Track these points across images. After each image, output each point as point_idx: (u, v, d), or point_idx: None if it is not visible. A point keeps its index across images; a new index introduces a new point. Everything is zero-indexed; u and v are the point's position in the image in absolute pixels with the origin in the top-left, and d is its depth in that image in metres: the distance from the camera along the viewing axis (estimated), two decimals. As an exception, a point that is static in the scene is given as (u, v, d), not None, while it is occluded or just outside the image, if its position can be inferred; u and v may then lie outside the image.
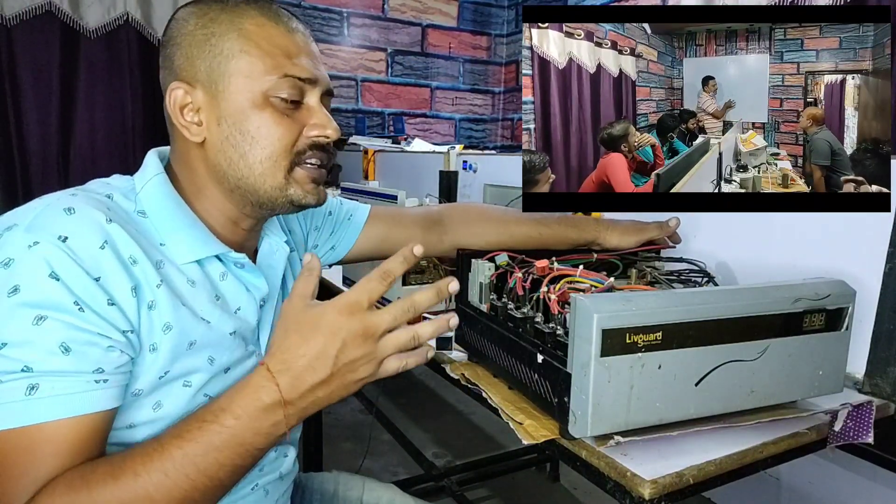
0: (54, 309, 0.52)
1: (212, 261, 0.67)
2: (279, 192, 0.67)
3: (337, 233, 0.93)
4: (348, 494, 0.94)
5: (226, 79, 0.64)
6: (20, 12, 2.23)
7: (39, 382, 0.52)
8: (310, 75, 0.66)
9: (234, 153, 0.65)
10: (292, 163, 0.66)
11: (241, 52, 0.64)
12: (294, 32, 0.67)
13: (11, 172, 2.30)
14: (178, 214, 0.65)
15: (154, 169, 0.67)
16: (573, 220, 1.02)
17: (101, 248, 0.56)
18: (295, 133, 0.66)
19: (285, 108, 0.65)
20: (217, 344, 0.65)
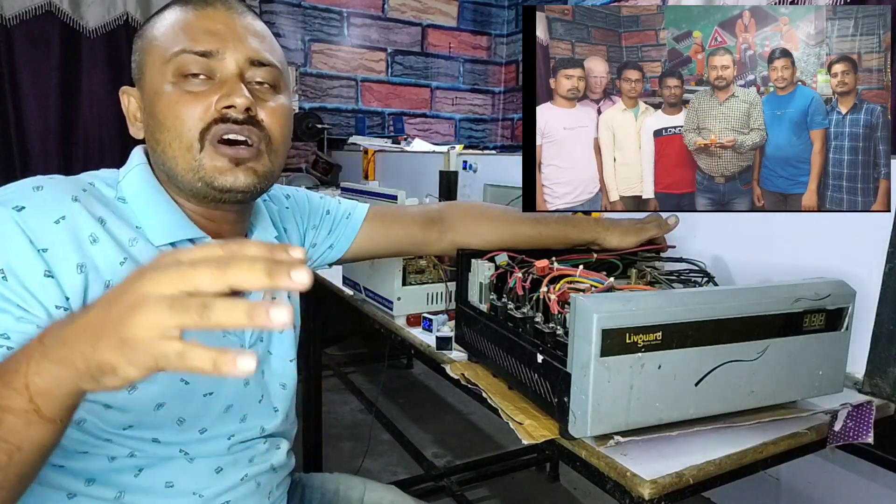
0: None
1: (186, 245, 0.67)
2: (193, 175, 0.64)
3: (335, 232, 0.93)
4: (349, 495, 0.94)
5: (144, 73, 0.66)
6: (20, 12, 2.23)
7: None
8: (208, 47, 0.63)
9: (153, 141, 0.66)
10: (202, 139, 0.63)
11: (152, 44, 0.66)
12: (203, 9, 0.65)
13: (11, 172, 2.30)
14: (157, 199, 0.67)
15: (137, 160, 0.70)
16: (573, 219, 1.02)
17: (56, 223, 0.58)
18: (199, 110, 0.63)
19: (191, 87, 0.63)
20: None
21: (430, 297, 1.14)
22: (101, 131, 2.43)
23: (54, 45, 2.31)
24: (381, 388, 2.74)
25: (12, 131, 2.29)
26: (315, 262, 0.94)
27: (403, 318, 1.11)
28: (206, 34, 0.64)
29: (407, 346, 1.06)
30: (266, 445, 0.77)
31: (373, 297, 1.19)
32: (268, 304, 0.36)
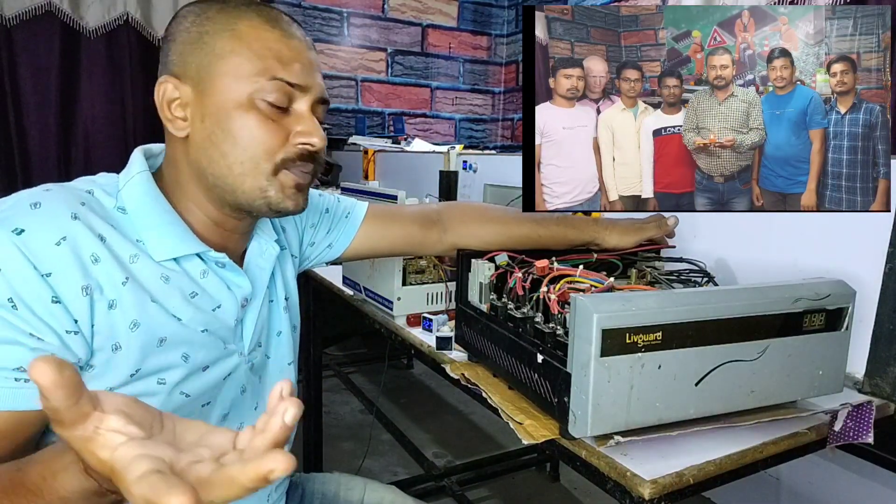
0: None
1: (191, 258, 0.67)
2: (258, 194, 0.66)
3: (334, 231, 0.92)
4: (349, 495, 0.94)
5: (214, 77, 0.64)
6: (20, 12, 2.23)
7: None
8: (299, 81, 0.65)
9: (215, 151, 0.64)
10: (276, 167, 0.65)
11: (231, 52, 0.63)
12: (290, 38, 0.66)
13: (12, 172, 2.30)
14: (158, 211, 0.65)
15: (138, 167, 0.67)
16: (572, 220, 1.02)
17: (57, 245, 0.56)
18: (279, 138, 0.65)
19: (271, 113, 0.64)
20: (190, 341, 0.65)
21: (430, 297, 1.14)
22: (101, 131, 2.43)
23: (54, 45, 2.31)
24: (382, 388, 2.74)
25: (12, 131, 2.29)
26: (313, 261, 0.94)
27: (403, 318, 1.11)
28: (299, 67, 0.65)
29: (407, 346, 1.06)
30: None
31: (373, 297, 1.20)
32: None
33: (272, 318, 0.79)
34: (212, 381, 0.68)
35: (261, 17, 0.65)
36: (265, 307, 0.76)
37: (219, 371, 0.68)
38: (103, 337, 0.58)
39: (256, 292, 0.74)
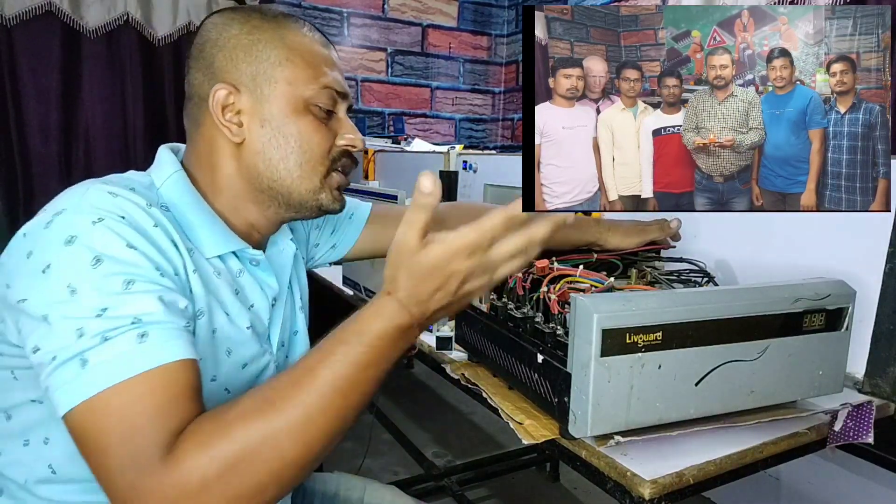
0: (140, 274, 0.54)
1: (230, 257, 0.69)
2: (312, 196, 0.69)
3: (338, 231, 0.93)
4: (349, 495, 0.94)
5: (271, 84, 0.66)
6: (20, 12, 2.22)
7: (148, 331, 0.51)
8: (343, 89, 0.70)
9: (275, 155, 0.67)
10: (329, 169, 0.69)
11: (286, 60, 0.66)
12: (329, 47, 0.71)
13: (12, 172, 2.30)
14: (200, 210, 0.67)
15: (172, 166, 0.68)
16: (574, 220, 1.02)
17: (155, 227, 0.58)
18: (330, 141, 0.69)
19: (321, 117, 0.68)
20: (235, 337, 0.66)
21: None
22: (101, 131, 2.43)
23: (54, 45, 2.31)
24: (382, 387, 2.73)
25: (12, 131, 2.28)
26: (317, 262, 0.95)
27: (403, 318, 1.11)
28: (339, 75, 0.71)
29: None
30: None
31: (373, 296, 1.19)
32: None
33: (290, 317, 0.80)
34: (248, 378, 0.69)
35: (299, 25, 0.70)
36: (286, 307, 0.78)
37: (254, 368, 0.70)
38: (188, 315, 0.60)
39: (281, 292, 0.76)
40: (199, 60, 0.68)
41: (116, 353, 0.50)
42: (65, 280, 0.51)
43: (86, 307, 0.51)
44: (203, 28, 0.69)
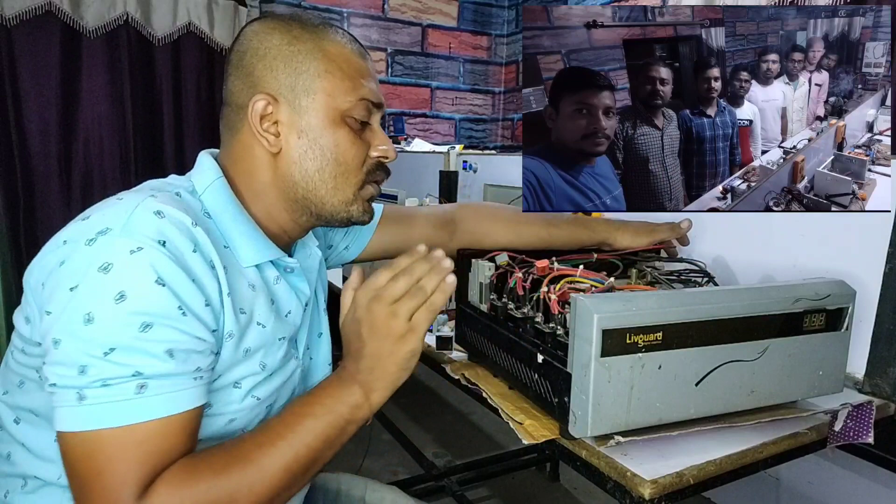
0: (160, 316, 0.54)
1: (267, 265, 0.69)
2: (344, 207, 0.70)
3: (350, 233, 0.94)
4: (350, 495, 0.94)
5: (310, 95, 0.67)
6: (20, 12, 2.22)
7: (147, 383, 0.53)
8: (378, 100, 0.71)
9: (311, 166, 0.68)
10: (363, 181, 0.70)
11: (326, 72, 0.67)
12: (365, 58, 0.71)
13: (11, 172, 2.30)
14: (240, 219, 0.67)
15: (214, 172, 0.68)
16: (584, 220, 1.02)
17: (194, 252, 0.58)
18: (364, 152, 0.70)
19: (357, 129, 0.69)
20: (268, 348, 0.67)
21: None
22: (101, 131, 2.42)
23: (54, 45, 2.31)
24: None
25: (12, 131, 2.28)
26: (330, 263, 0.95)
27: (403, 318, 1.11)
28: (374, 86, 0.71)
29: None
30: None
31: (373, 297, 1.19)
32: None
33: (314, 320, 0.81)
34: (276, 384, 0.69)
35: (339, 36, 0.70)
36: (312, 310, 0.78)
37: (282, 375, 0.70)
38: (218, 338, 0.61)
39: (310, 296, 0.76)
40: (238, 69, 0.68)
41: (113, 399, 0.52)
42: (86, 307, 0.52)
43: (96, 342, 0.52)
44: (243, 36, 0.70)
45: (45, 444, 0.62)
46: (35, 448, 0.63)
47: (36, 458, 0.63)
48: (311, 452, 0.59)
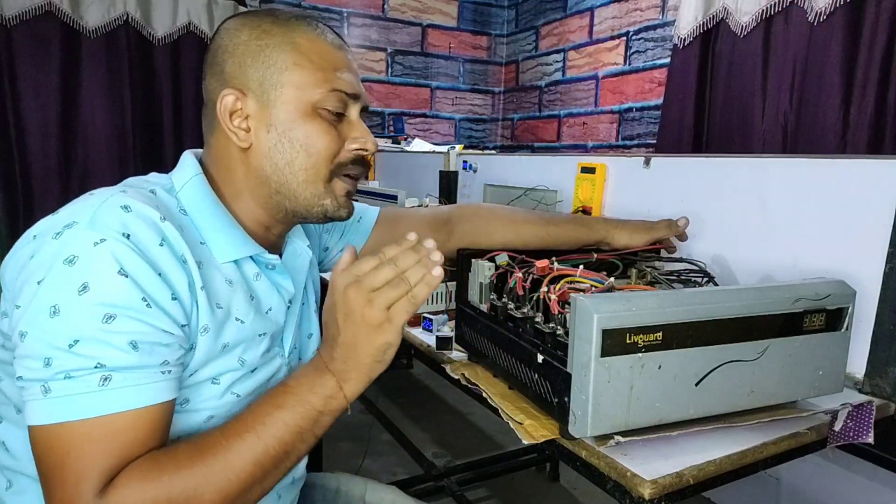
0: (123, 307, 0.54)
1: (247, 261, 0.69)
2: (316, 201, 0.69)
3: (347, 235, 0.94)
4: (350, 495, 0.94)
5: (278, 89, 0.66)
6: (20, 12, 2.23)
7: (112, 375, 0.53)
8: (354, 91, 0.69)
9: (280, 160, 0.67)
10: (332, 173, 0.69)
11: (294, 64, 0.66)
12: (340, 48, 0.70)
13: (11, 172, 2.30)
14: (217, 214, 0.67)
15: (193, 169, 0.69)
16: (582, 219, 1.02)
17: (161, 245, 0.58)
18: (338, 144, 0.68)
19: (331, 120, 0.68)
20: (248, 344, 0.67)
21: (430, 297, 1.14)
22: (101, 131, 2.43)
23: (54, 45, 2.31)
24: (381, 387, 2.74)
25: (12, 131, 2.28)
26: (327, 265, 0.95)
27: (403, 318, 1.11)
28: (350, 77, 0.69)
29: (407, 346, 1.05)
30: None
31: (373, 297, 1.19)
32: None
33: (304, 320, 0.81)
34: (259, 381, 0.69)
35: (313, 29, 0.69)
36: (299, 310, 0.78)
37: (265, 373, 0.70)
38: (191, 333, 0.60)
39: (297, 295, 0.76)
40: (212, 66, 0.69)
41: (77, 391, 0.52)
42: (52, 299, 0.53)
43: (61, 334, 0.52)
44: (217, 34, 0.70)
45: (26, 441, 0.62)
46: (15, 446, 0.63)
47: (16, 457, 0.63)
48: (282, 445, 0.58)
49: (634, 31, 2.55)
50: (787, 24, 1.81)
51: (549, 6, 3.04)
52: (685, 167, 1.12)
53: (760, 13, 1.86)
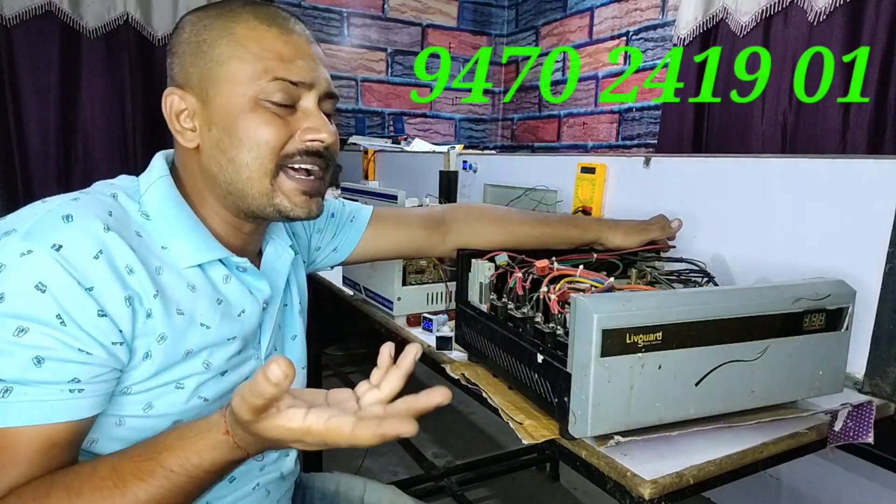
0: (35, 322, 0.52)
1: (214, 264, 0.67)
2: (266, 200, 0.65)
3: (339, 235, 0.93)
4: (349, 495, 0.94)
5: (216, 84, 0.63)
6: (20, 12, 2.22)
7: (12, 388, 0.52)
8: (302, 78, 0.64)
9: (223, 158, 0.64)
10: (278, 166, 0.64)
11: (230, 57, 0.63)
12: (290, 34, 0.65)
13: (11, 172, 2.30)
14: (181, 217, 0.65)
15: (159, 171, 0.67)
16: (576, 219, 1.02)
17: (96, 258, 0.55)
18: (284, 136, 0.64)
19: (278, 112, 0.64)
20: (214, 348, 0.65)
21: (430, 297, 1.14)
22: (101, 131, 2.43)
23: (54, 45, 2.31)
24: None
25: (12, 131, 2.28)
26: (319, 265, 0.94)
27: (403, 318, 1.11)
28: (301, 64, 0.64)
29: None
30: (276, 454, 0.77)
31: (373, 297, 1.19)
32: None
33: (287, 322, 0.80)
34: (229, 385, 0.68)
35: (257, 17, 0.64)
36: (280, 311, 0.77)
37: (236, 375, 0.69)
38: (140, 345, 0.59)
39: (273, 296, 0.74)
40: (168, 68, 0.67)
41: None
42: None
43: None
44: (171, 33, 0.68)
45: None
46: None
47: None
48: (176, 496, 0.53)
49: (634, 31, 2.55)
50: (787, 23, 1.81)
51: (549, 6, 3.04)
52: (685, 167, 1.12)
53: (760, 13, 1.86)
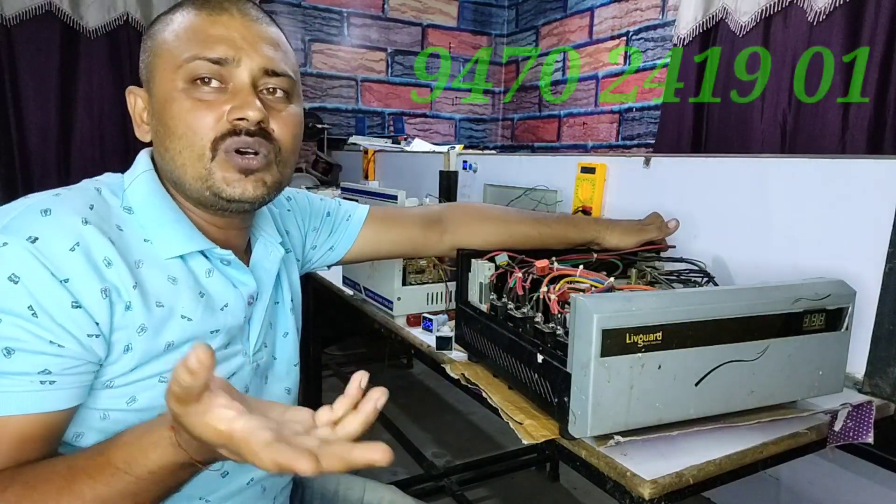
0: (6, 313, 0.52)
1: (196, 256, 0.67)
2: (202, 184, 0.63)
3: (335, 233, 0.93)
4: (349, 494, 0.94)
5: (155, 75, 0.64)
6: (20, 12, 2.22)
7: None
8: (223, 55, 0.62)
9: (161, 147, 0.65)
10: (213, 151, 0.62)
11: (162, 46, 0.64)
12: (220, 14, 0.63)
13: (11, 172, 2.30)
14: (164, 209, 0.65)
15: (143, 166, 0.68)
16: (573, 219, 1.02)
17: (72, 250, 0.56)
18: (211, 119, 0.62)
19: (206, 95, 0.62)
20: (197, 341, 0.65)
21: (430, 297, 1.14)
22: (101, 131, 2.43)
23: (54, 45, 2.31)
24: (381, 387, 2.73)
25: (12, 131, 2.29)
26: (315, 264, 0.94)
27: (403, 318, 1.11)
28: (221, 41, 0.62)
29: (407, 346, 1.06)
30: None
31: (373, 297, 1.19)
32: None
33: (279, 319, 0.79)
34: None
35: (195, 4, 0.65)
36: (271, 308, 0.77)
37: (222, 371, 0.68)
38: (119, 337, 0.59)
39: (262, 293, 0.74)
40: None
41: None
42: None
43: None
44: None
45: None
46: None
47: None
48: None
49: (634, 31, 2.55)
50: (787, 23, 1.81)
51: (549, 6, 3.04)
52: (685, 167, 1.12)
53: (760, 13, 1.86)
